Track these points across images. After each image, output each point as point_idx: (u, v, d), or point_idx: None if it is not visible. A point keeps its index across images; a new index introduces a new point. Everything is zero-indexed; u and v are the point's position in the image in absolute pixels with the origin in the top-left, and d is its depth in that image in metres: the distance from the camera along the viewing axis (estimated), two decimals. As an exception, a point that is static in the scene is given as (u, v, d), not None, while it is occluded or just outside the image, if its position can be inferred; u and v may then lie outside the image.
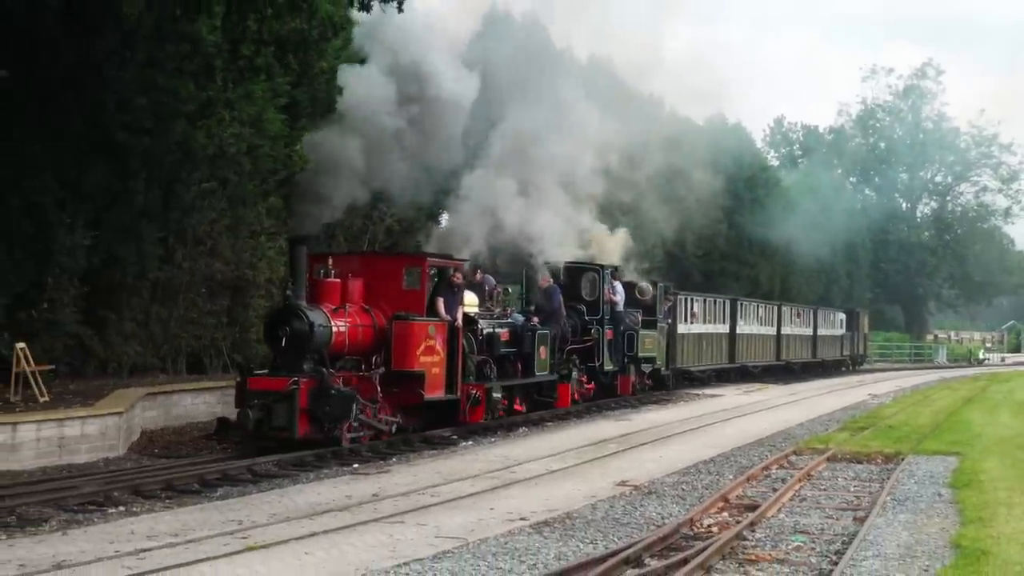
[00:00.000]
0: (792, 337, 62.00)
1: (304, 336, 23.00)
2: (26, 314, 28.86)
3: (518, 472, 22.51)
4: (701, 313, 48.12)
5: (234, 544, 15.20)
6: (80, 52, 25.38)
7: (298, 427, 22.28)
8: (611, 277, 36.29)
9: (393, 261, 27.44)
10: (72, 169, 29.00)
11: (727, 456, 25.74)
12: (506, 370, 29.70)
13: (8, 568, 13.64)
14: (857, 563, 14.64)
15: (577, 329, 34.47)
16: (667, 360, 42.85)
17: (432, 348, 25.20)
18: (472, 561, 14.56)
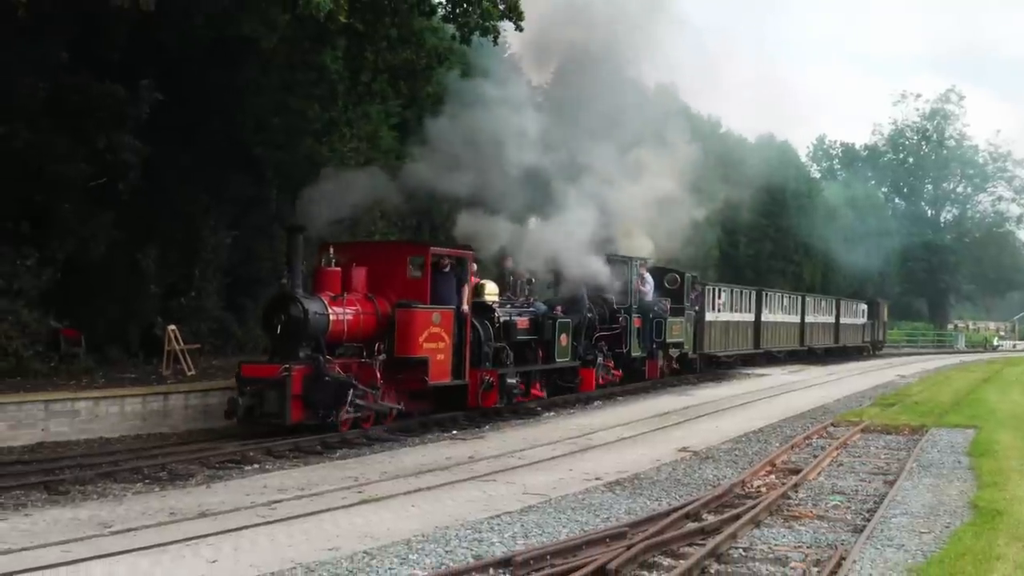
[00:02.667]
0: (815, 325, 59.92)
1: (299, 323, 20.67)
2: (177, 302, 29.23)
3: (593, 439, 22.46)
4: (728, 302, 45.96)
5: (351, 497, 15.27)
6: (224, 80, 25.59)
7: (290, 413, 19.97)
8: (640, 268, 34.21)
9: (397, 250, 24.53)
10: (216, 179, 29.28)
11: (774, 427, 25.56)
12: (526, 356, 27.17)
13: (161, 515, 13.78)
14: (887, 520, 14.50)
15: (606, 317, 32.27)
16: (695, 345, 40.42)
17: (437, 335, 22.80)
18: (554, 514, 14.54)
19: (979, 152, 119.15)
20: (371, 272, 22.77)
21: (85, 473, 16.34)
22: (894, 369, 53.64)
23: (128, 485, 16.11)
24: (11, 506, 14.42)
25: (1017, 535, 13.28)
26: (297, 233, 21.41)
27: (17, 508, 14.30)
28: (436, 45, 27.83)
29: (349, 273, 22.29)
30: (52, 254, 24.68)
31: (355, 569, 11.27)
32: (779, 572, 11.75)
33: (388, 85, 29.79)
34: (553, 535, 13.21)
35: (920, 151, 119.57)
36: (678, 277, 37.95)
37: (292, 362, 20.23)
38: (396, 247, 24.81)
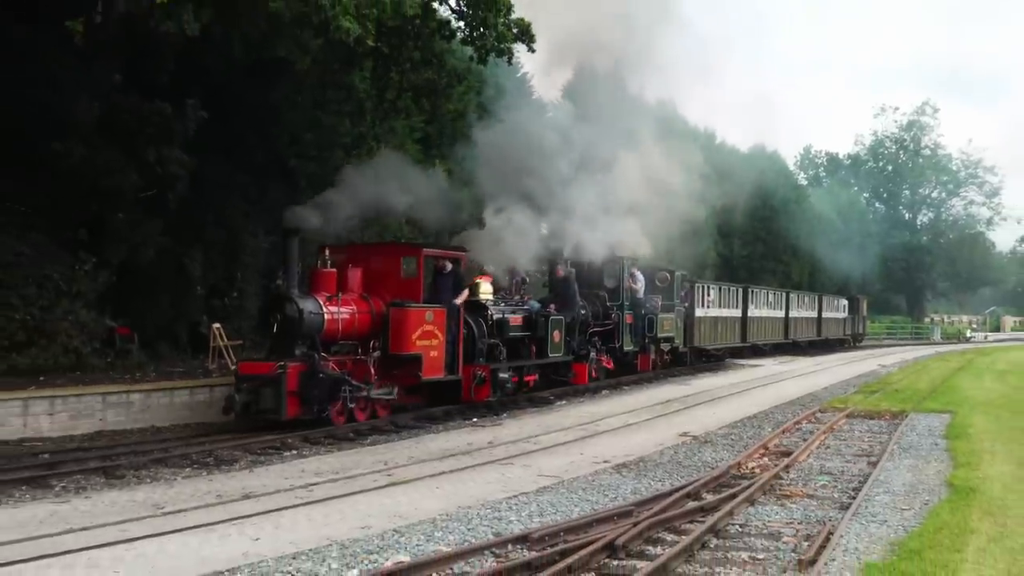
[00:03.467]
0: (799, 319, 58.93)
1: (295, 322, 19.78)
2: (220, 301, 29.33)
3: (601, 425, 22.47)
4: (716, 298, 44.90)
5: (381, 480, 15.30)
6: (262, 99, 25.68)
7: (286, 409, 19.10)
8: (631, 267, 32.94)
9: (391, 252, 23.33)
10: (254, 189, 29.36)
11: (766, 413, 25.53)
12: (520, 352, 26.41)
13: (208, 497, 13.83)
14: (871, 498, 14.50)
15: (599, 314, 31.13)
16: (685, 339, 39.29)
17: (430, 333, 21.83)
18: (566, 494, 14.56)
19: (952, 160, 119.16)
20: (367, 273, 22.06)
21: (139, 459, 16.40)
22: (876, 359, 53.54)
23: (178, 470, 16.17)
24: (73, 489, 14.50)
25: (989, 511, 13.28)
26: (292, 236, 20.55)
27: (78, 491, 14.37)
28: (455, 66, 27.84)
29: (345, 274, 21.57)
30: (107, 259, 24.76)
31: (385, 545, 11.30)
32: (773, 546, 11.75)
33: (412, 102, 29.83)
34: (566, 514, 13.23)
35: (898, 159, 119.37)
36: (668, 275, 36.96)
37: (288, 360, 19.47)
38: (390, 249, 23.83)
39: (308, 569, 10.25)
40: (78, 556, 10.57)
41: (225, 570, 10.10)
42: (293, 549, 10.97)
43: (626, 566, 10.70)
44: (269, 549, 10.98)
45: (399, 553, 11.00)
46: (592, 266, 31.15)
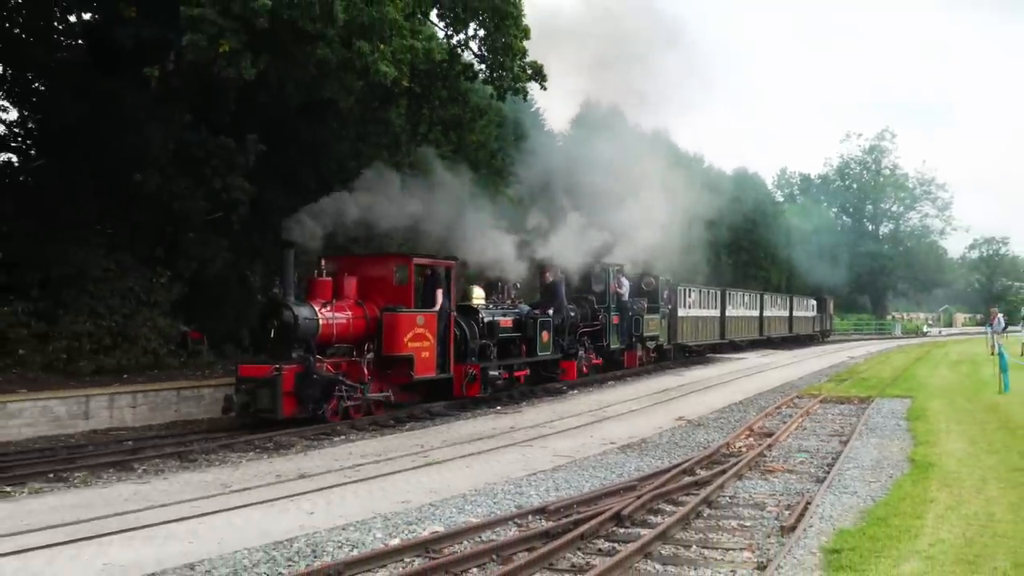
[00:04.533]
0: (772, 318, 57.82)
1: (290, 327, 18.73)
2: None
3: (608, 411, 22.42)
4: (697, 300, 43.72)
5: (418, 461, 15.29)
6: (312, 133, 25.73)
7: (282, 408, 18.05)
8: (617, 273, 31.90)
9: (384, 261, 22.10)
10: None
11: (751, 399, 25.44)
12: (511, 351, 25.32)
13: (269, 477, 13.84)
14: (842, 472, 14.42)
15: (588, 315, 30.01)
16: (669, 338, 38.18)
17: (422, 335, 20.81)
18: (578, 471, 14.54)
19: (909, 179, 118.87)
20: (361, 281, 21.03)
21: (209, 445, 16.41)
22: (845, 352, 53.35)
23: (243, 454, 16.18)
24: (152, 471, 14.53)
25: (946, 483, 13.20)
26: (289, 248, 19.58)
27: (157, 473, 14.40)
28: (478, 102, 27.82)
29: (341, 282, 20.66)
30: (180, 273, 24.82)
31: (423, 517, 11.30)
32: (758, 515, 11.70)
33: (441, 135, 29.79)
34: (578, 488, 13.20)
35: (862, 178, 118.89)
36: (653, 280, 36.12)
37: (284, 362, 18.48)
38: (383, 258, 22.47)
39: (356, 539, 10.24)
40: (158, 529, 10.59)
41: (284, 540, 10.10)
42: (343, 521, 10.97)
43: (631, 533, 10.68)
44: (322, 521, 10.98)
45: (435, 524, 11.00)
46: (581, 272, 30.33)
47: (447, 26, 24.75)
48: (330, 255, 21.46)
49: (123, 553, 9.57)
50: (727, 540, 10.54)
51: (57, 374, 21.62)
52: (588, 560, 9.74)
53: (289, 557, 9.51)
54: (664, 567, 9.58)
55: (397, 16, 19.96)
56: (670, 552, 10.08)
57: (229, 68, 18.61)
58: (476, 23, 24.40)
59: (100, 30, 22.82)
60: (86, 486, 13.41)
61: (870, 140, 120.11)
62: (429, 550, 9.86)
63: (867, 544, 9.87)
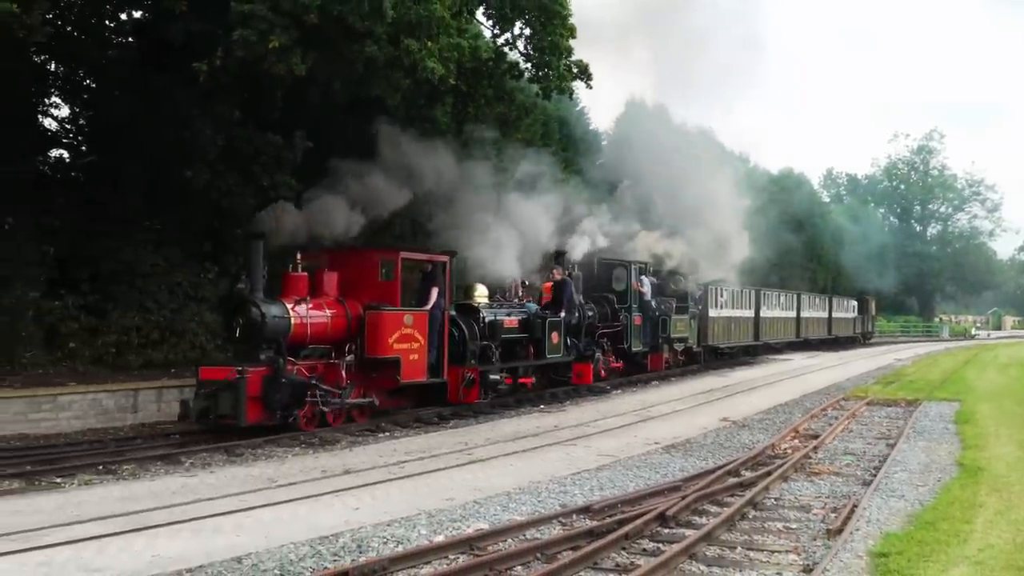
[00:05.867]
0: (810, 319, 55.83)
1: (256, 326, 17.08)
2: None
3: (652, 411, 22.37)
4: (729, 300, 41.58)
5: (462, 458, 15.33)
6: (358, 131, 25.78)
7: (245, 414, 16.36)
8: (639, 272, 30.13)
9: (369, 255, 20.12)
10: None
11: (796, 401, 25.31)
12: (517, 353, 23.66)
13: (314, 472, 13.93)
14: (890, 475, 14.33)
15: (607, 315, 28.45)
16: (699, 339, 36.49)
17: (410, 336, 19.21)
18: (622, 471, 14.52)
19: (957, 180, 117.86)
20: (343, 276, 19.34)
21: (255, 439, 16.48)
22: (892, 354, 52.86)
23: (289, 448, 16.29)
24: (200, 465, 14.66)
25: (995, 487, 13.07)
26: (257, 239, 17.89)
27: (204, 467, 14.53)
28: (523, 101, 27.81)
29: (321, 277, 19.03)
30: (227, 268, 24.97)
31: (467, 515, 11.33)
32: (804, 517, 11.64)
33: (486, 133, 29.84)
34: (622, 488, 13.18)
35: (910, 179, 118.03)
36: (682, 279, 34.73)
37: (251, 364, 16.92)
38: (367, 252, 20.34)
39: (401, 534, 10.28)
40: (205, 522, 10.69)
41: (330, 535, 10.16)
42: (388, 517, 11.02)
43: (676, 534, 10.65)
44: (367, 517, 11.03)
45: (479, 521, 11.02)
46: (601, 270, 29.44)
47: (493, 25, 24.81)
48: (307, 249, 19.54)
49: (171, 545, 9.67)
50: (772, 542, 10.49)
51: (106, 368, 21.91)
52: (632, 560, 9.72)
53: (335, 552, 9.57)
54: (709, 568, 9.55)
55: (445, 14, 20.03)
56: (715, 553, 10.05)
57: (279, 64, 18.75)
58: (522, 22, 24.42)
59: (150, 27, 23.04)
60: (134, 479, 13.57)
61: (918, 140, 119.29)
62: (474, 547, 9.88)
63: (915, 548, 9.78)
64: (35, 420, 18.12)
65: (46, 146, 25.22)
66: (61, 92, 25.31)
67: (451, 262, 21.22)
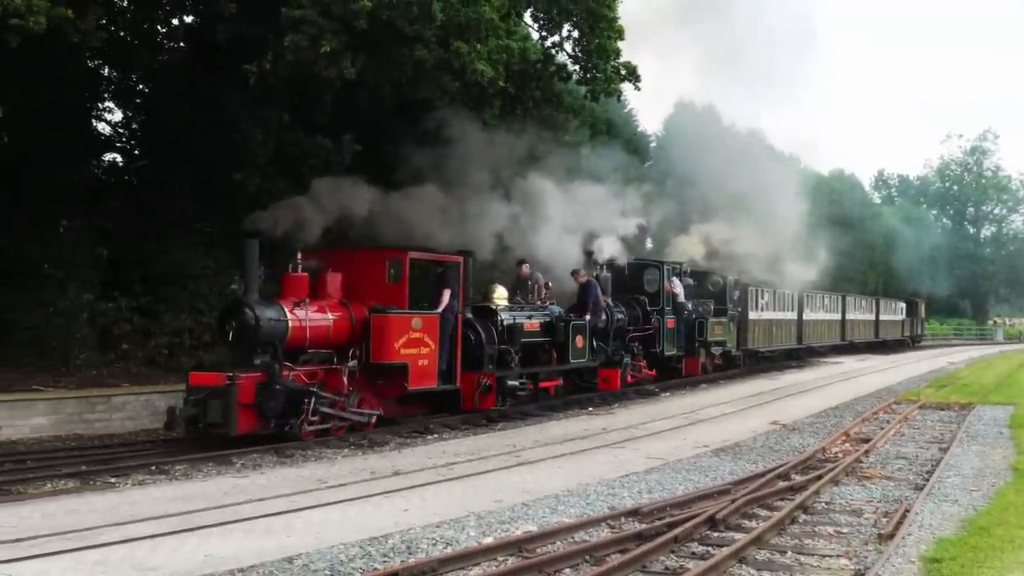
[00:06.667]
0: (856, 322, 54.16)
1: (251, 330, 16.22)
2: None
3: (701, 414, 22.29)
4: (771, 302, 39.84)
5: (511, 460, 15.36)
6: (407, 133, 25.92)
7: (237, 423, 15.41)
8: (671, 272, 29.06)
9: (375, 256, 19.03)
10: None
11: (847, 404, 25.11)
12: (539, 358, 22.65)
13: (364, 474, 14.01)
14: (943, 480, 14.19)
15: (638, 318, 27.37)
16: (738, 343, 35.06)
17: (419, 340, 18.17)
18: (671, 474, 14.49)
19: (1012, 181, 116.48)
20: (348, 278, 18.43)
21: (305, 440, 16.58)
22: (945, 357, 52.25)
23: (338, 450, 16.39)
24: (250, 466, 14.79)
25: (1052, 493, 12.93)
26: (253, 238, 17.01)
27: (255, 468, 14.66)
28: (571, 103, 27.79)
29: (324, 279, 18.20)
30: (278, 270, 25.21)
31: (515, 516, 11.35)
32: (855, 522, 11.55)
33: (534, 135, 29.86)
34: (671, 491, 13.15)
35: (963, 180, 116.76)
36: (720, 280, 33.65)
37: (245, 370, 16.01)
38: (374, 252, 19.24)
39: (450, 536, 10.33)
40: (256, 522, 10.79)
41: (380, 536, 10.23)
42: (437, 519, 11.07)
43: (725, 537, 10.62)
44: (416, 518, 11.09)
45: (528, 523, 11.04)
46: (631, 272, 28.18)
47: (541, 28, 24.84)
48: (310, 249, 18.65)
49: (223, 545, 9.78)
50: (823, 547, 10.43)
51: (158, 369, 22.18)
52: (682, 563, 9.70)
53: (384, 553, 9.63)
54: (759, 572, 9.52)
55: (493, 16, 20.09)
56: (765, 557, 10.00)
57: (329, 69, 18.91)
58: (570, 24, 24.43)
59: (201, 31, 23.32)
60: (187, 479, 13.72)
61: (971, 141, 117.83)
62: (522, 549, 9.91)
63: (968, 554, 9.69)
64: (89, 420, 18.40)
65: (100, 150, 25.64)
66: (114, 97, 25.70)
67: (467, 263, 20.33)
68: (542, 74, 24.88)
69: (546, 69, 24.73)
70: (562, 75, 25.30)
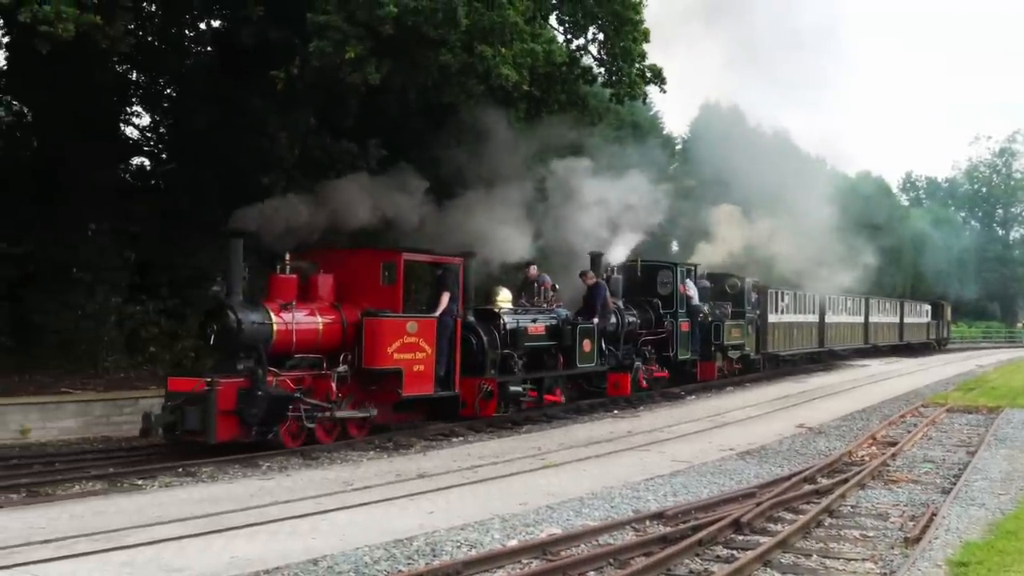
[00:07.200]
0: (879, 324, 52.82)
1: (232, 333, 15.53)
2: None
3: (726, 417, 22.24)
4: (791, 304, 38.73)
5: (535, 463, 15.37)
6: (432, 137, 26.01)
7: (215, 431, 14.78)
8: (685, 274, 28.14)
9: (369, 257, 18.24)
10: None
11: (874, 407, 24.99)
12: (545, 363, 21.85)
13: (389, 476, 14.05)
14: (970, 484, 14.11)
15: (651, 322, 26.39)
16: (757, 346, 34.06)
17: (414, 345, 17.31)
18: (696, 478, 14.46)
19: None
20: (340, 280, 17.69)
21: (331, 443, 16.62)
22: (974, 360, 51.86)
23: (364, 453, 16.43)
24: (277, 468, 14.85)
25: (1081, 497, 12.83)
26: (237, 238, 16.50)
27: (281, 470, 14.72)
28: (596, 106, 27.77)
29: (315, 281, 17.50)
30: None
31: (540, 519, 11.36)
32: (881, 525, 11.51)
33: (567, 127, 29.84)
34: (696, 494, 13.13)
35: (992, 182, 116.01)
36: (738, 282, 32.71)
37: (227, 375, 15.42)
38: (367, 253, 18.48)
39: (474, 539, 10.35)
40: (282, 524, 10.85)
41: (404, 538, 10.26)
42: (461, 521, 11.09)
43: (750, 540, 10.60)
44: (441, 521, 11.11)
45: (552, 526, 11.05)
46: (644, 273, 27.42)
47: (566, 31, 24.85)
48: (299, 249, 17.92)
49: (249, 547, 9.83)
50: (849, 550, 10.39)
51: (186, 372, 22.25)
52: (706, 567, 9.69)
53: (409, 555, 9.66)
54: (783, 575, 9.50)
55: (518, 19, 20.11)
56: (790, 561, 9.98)
57: (355, 74, 18.97)
58: (595, 27, 24.43)
59: (228, 35, 23.44)
60: (213, 481, 13.80)
61: (1000, 143, 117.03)
62: (547, 552, 9.92)
63: (996, 558, 9.63)
64: (117, 423, 18.54)
65: (128, 154, 25.79)
66: (142, 101, 25.84)
67: (467, 264, 19.58)
68: (567, 77, 24.90)
69: (571, 72, 24.75)
70: (587, 78, 25.32)
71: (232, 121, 22.99)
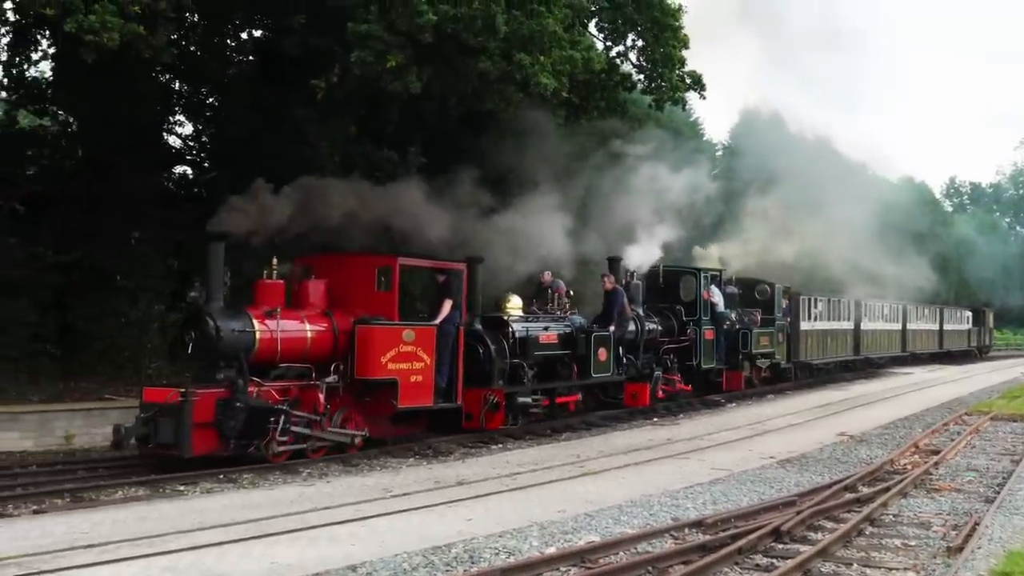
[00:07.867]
0: (918, 332, 51.39)
1: (211, 341, 14.73)
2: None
3: (767, 425, 22.12)
4: (825, 311, 37.64)
5: (574, 471, 15.36)
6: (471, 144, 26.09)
7: (190, 444, 14.07)
8: (709, 280, 27.03)
9: (363, 262, 17.34)
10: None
11: (917, 415, 24.75)
12: (558, 373, 21.06)
13: (428, 483, 14.09)
14: (1014, 492, 13.95)
15: (673, 329, 25.38)
16: (788, 355, 33.06)
17: (411, 354, 16.44)
18: (736, 485, 14.40)
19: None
20: (332, 285, 16.93)
21: (371, 450, 16.66)
22: (1019, 368, 51.21)
23: (403, 460, 16.49)
24: (317, 475, 14.92)
25: None
26: (218, 241, 15.59)
27: (321, 477, 14.79)
28: (636, 112, 27.77)
29: (305, 286, 16.84)
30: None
31: (579, 527, 11.35)
32: (923, 535, 11.40)
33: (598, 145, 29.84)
34: (736, 502, 13.08)
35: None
36: (768, 288, 31.62)
37: (205, 385, 14.75)
38: (361, 259, 17.56)
39: (513, 546, 10.36)
40: (321, 531, 10.91)
41: (443, 545, 10.28)
42: (500, 529, 11.10)
43: (790, 549, 10.53)
44: (480, 528, 11.13)
45: (590, 534, 11.04)
46: (666, 279, 26.72)
47: (605, 38, 24.87)
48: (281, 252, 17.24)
49: (288, 553, 9.90)
50: (890, 559, 10.30)
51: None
52: (746, 575, 9.65)
53: (447, 562, 9.68)
54: (824, 585, 9.45)
55: (557, 28, 20.14)
56: (830, 570, 9.91)
57: (396, 83, 19.07)
58: (635, 34, 24.43)
59: (269, 44, 23.65)
60: (254, 487, 13.89)
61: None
62: (585, 560, 9.90)
63: (1039, 568, 9.52)
64: (160, 429, 18.63)
65: (171, 163, 26.05)
66: (185, 110, 26.10)
67: (471, 270, 18.75)
68: (606, 84, 24.91)
69: (610, 79, 24.76)
70: (627, 85, 25.32)
71: (273, 129, 23.17)
